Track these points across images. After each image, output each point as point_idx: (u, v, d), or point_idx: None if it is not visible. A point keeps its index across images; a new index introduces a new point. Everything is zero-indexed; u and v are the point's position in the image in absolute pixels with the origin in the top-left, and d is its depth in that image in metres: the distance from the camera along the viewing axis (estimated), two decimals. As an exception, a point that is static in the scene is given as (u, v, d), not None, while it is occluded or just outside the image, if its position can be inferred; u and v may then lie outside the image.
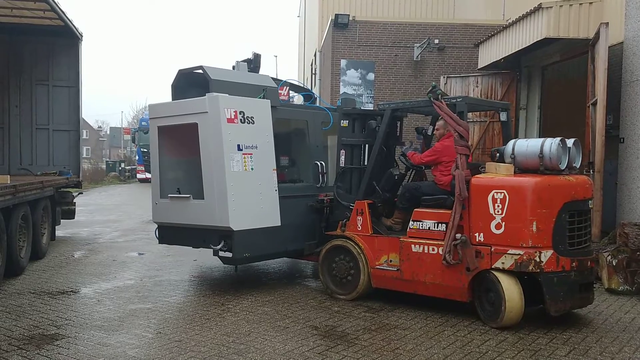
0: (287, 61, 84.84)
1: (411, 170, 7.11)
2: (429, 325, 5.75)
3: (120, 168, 38.65)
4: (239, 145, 6.70)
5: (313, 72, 23.35)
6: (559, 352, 4.99)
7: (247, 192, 6.76)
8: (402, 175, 6.99)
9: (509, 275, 5.59)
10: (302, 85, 8.96)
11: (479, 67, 14.42)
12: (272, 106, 7.18)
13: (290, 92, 8.79)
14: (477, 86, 14.20)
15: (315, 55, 22.58)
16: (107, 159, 50.35)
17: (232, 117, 6.65)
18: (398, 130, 7.34)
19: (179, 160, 7.61)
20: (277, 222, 7.07)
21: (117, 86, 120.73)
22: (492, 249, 5.63)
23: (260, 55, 8.07)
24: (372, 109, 7.53)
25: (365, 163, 6.97)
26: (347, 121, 7.04)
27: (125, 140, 54.92)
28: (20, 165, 11.59)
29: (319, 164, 7.80)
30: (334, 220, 7.16)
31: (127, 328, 5.60)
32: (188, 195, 7.05)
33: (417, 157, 6.67)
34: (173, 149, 7.51)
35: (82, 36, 11.82)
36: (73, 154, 12.02)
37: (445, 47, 17.59)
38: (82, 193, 13.85)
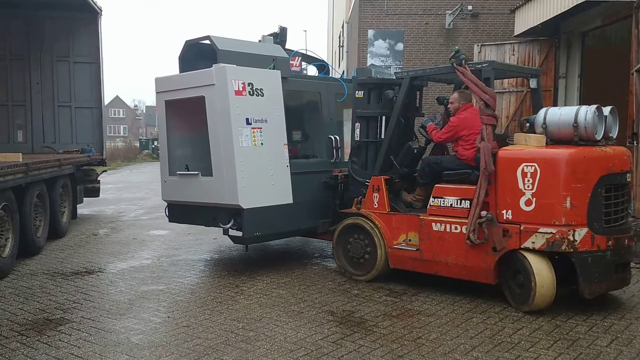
0: (317, 36, 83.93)
1: (431, 143, 6.65)
2: (456, 311, 5.33)
3: (153, 146, 39.12)
4: (247, 119, 6.39)
5: (340, 44, 22.78)
6: (599, 342, 4.54)
7: (257, 168, 6.47)
8: (421, 148, 6.58)
9: (540, 255, 5.18)
10: (315, 56, 8.57)
11: (515, 34, 13.82)
12: (282, 77, 6.85)
13: (303, 62, 8.39)
14: (513, 54, 13.69)
15: (342, 27, 21.99)
16: (141, 137, 51.12)
17: (240, 89, 6.32)
18: (417, 100, 6.89)
19: (188, 136, 7.34)
20: (289, 200, 6.78)
21: (154, 64, 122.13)
22: (522, 228, 5.23)
23: (286, 29, 7.78)
24: (389, 77, 7.07)
25: (382, 136, 6.57)
26: (362, 92, 6.64)
27: (160, 118, 55.51)
28: (44, 143, 11.60)
29: (333, 138, 7.47)
30: (348, 198, 6.84)
31: (135, 312, 5.39)
32: (196, 172, 6.81)
33: (435, 135, 6.24)
34: (182, 123, 7.24)
35: (101, 10, 11.66)
36: (96, 131, 11.97)
37: (479, 14, 16.81)
38: (106, 171, 13.85)
